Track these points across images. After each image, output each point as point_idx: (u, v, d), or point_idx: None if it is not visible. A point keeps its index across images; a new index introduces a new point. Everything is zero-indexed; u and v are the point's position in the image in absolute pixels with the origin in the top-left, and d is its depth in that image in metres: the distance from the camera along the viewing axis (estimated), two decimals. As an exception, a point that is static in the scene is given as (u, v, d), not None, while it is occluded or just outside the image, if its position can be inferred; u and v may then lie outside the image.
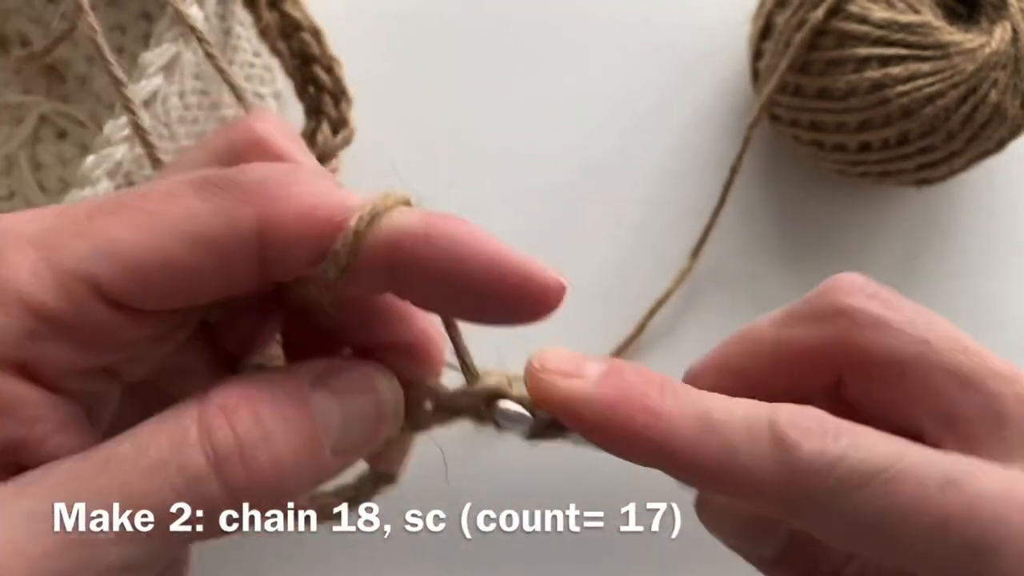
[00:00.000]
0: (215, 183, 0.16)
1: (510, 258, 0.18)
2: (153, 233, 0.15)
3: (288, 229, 0.16)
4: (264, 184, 0.16)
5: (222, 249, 0.15)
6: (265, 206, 0.15)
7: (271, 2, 0.28)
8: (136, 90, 0.25)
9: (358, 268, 0.16)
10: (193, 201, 0.15)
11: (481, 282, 0.17)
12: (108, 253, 0.15)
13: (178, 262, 0.15)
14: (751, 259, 0.35)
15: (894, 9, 0.30)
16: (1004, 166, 0.36)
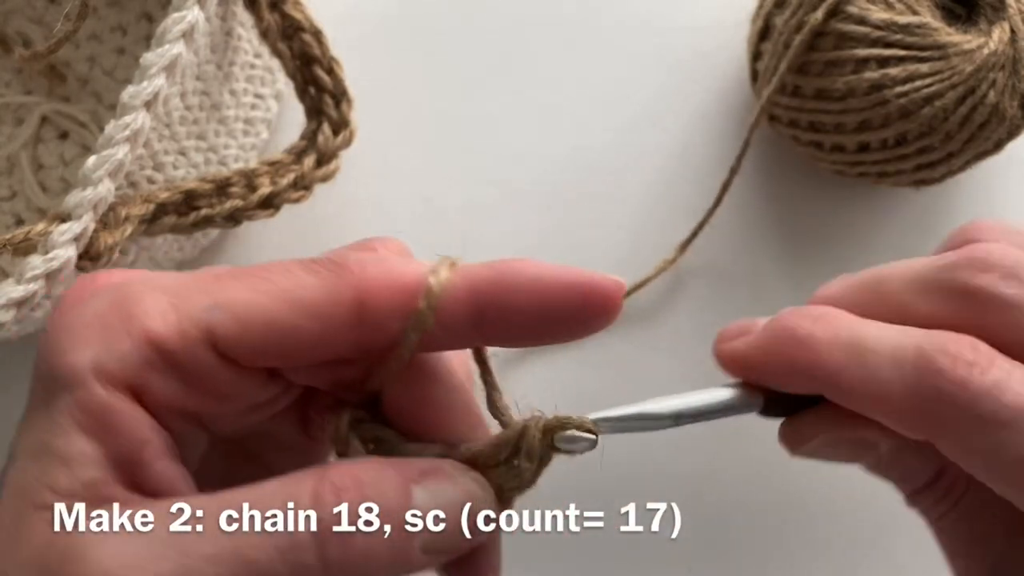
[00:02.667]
0: (321, 262, 0.18)
1: (575, 274, 0.19)
2: (265, 296, 0.18)
3: (380, 295, 0.18)
4: (360, 261, 0.18)
5: (323, 314, 0.18)
6: (360, 277, 0.18)
7: (272, 3, 0.28)
8: (138, 91, 0.25)
9: (443, 319, 0.18)
10: (301, 274, 0.18)
11: (558, 303, 0.19)
12: (224, 307, 0.17)
13: (282, 322, 0.18)
14: (749, 258, 0.36)
15: (893, 10, 0.30)
16: (1002, 167, 0.36)
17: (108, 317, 0.18)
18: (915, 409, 0.17)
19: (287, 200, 0.28)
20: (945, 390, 0.17)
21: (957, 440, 0.17)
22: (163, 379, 0.17)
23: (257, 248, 0.36)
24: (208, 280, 0.18)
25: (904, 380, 0.17)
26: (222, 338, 0.17)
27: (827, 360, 0.19)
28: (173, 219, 0.27)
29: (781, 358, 0.20)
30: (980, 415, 0.17)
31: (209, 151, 0.31)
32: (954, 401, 0.17)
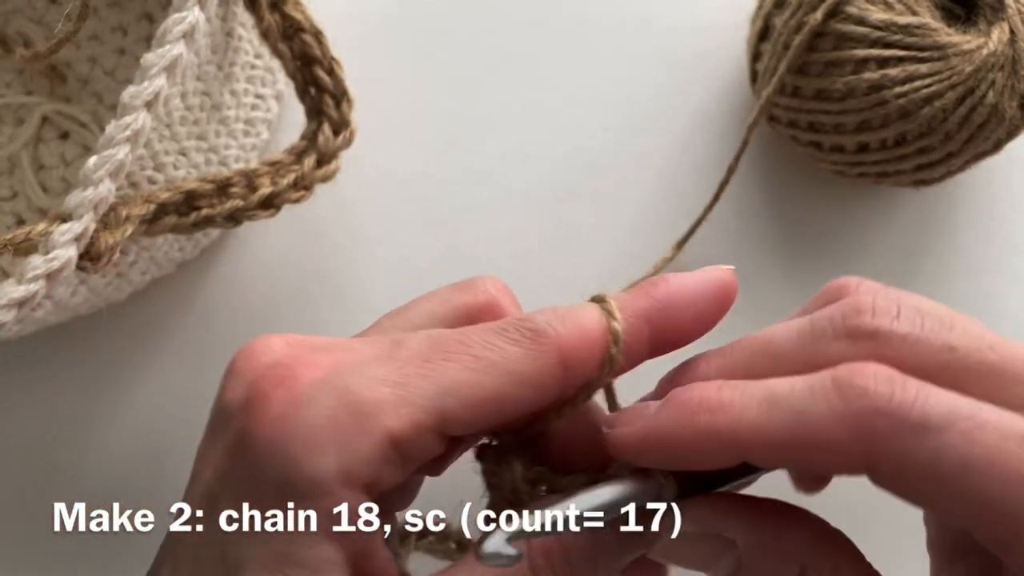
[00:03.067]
0: (515, 330, 0.20)
1: (708, 276, 0.22)
2: (483, 375, 0.19)
3: (578, 352, 0.20)
4: (550, 323, 0.20)
5: (537, 382, 0.19)
6: (557, 339, 0.20)
7: (272, 4, 0.28)
8: (138, 92, 0.25)
9: (627, 356, 0.20)
10: (505, 346, 0.19)
11: (709, 307, 0.21)
12: (453, 393, 0.19)
13: (504, 397, 0.19)
14: (749, 258, 0.36)
15: (892, 11, 0.30)
16: (1002, 167, 0.36)
17: (342, 421, 0.18)
18: (851, 433, 0.17)
19: (288, 200, 0.28)
20: (875, 406, 0.17)
21: (896, 456, 0.17)
22: (394, 470, 0.19)
23: (258, 248, 0.36)
24: (420, 363, 0.19)
25: (832, 410, 0.17)
26: (452, 421, 0.19)
27: (750, 419, 0.18)
28: (174, 219, 0.27)
29: (696, 430, 0.18)
30: (914, 423, 0.17)
31: (210, 151, 0.31)
32: (887, 412, 0.17)
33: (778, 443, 0.18)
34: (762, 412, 0.18)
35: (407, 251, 0.36)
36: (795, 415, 0.18)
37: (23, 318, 0.25)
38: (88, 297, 0.29)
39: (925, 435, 0.16)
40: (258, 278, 0.36)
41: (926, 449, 0.17)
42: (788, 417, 0.18)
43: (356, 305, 0.36)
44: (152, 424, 0.35)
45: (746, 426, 0.18)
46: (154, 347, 0.35)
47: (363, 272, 0.36)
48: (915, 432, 0.17)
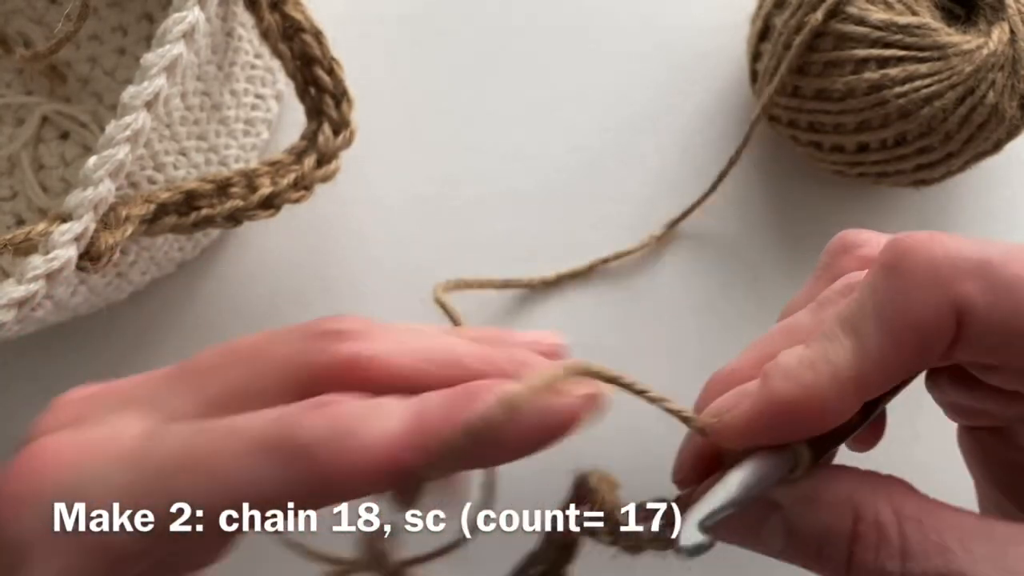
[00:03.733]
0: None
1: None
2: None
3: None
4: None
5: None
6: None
7: (273, 4, 0.28)
8: (138, 92, 0.25)
9: None
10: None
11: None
12: None
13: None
14: (749, 258, 0.36)
15: (892, 11, 0.30)
16: (1002, 167, 0.36)
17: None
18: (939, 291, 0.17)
19: (288, 200, 0.28)
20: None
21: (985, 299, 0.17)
22: None
23: (258, 248, 0.36)
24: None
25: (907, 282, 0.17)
26: None
27: (849, 349, 0.17)
28: (174, 219, 0.27)
29: (805, 386, 0.17)
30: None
31: (210, 151, 0.31)
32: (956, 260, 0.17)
33: (889, 351, 0.17)
34: (854, 338, 0.17)
35: (407, 251, 0.36)
36: (883, 312, 0.17)
37: (23, 318, 0.25)
38: (88, 297, 0.29)
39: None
40: (258, 278, 0.36)
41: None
42: (880, 319, 0.17)
43: (356, 305, 0.36)
44: (152, 424, 0.35)
45: (853, 359, 0.17)
46: (154, 347, 0.35)
47: (363, 272, 0.36)
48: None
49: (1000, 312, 0.16)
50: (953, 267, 0.17)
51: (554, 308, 0.35)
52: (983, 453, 0.21)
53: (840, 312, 0.18)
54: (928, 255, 0.17)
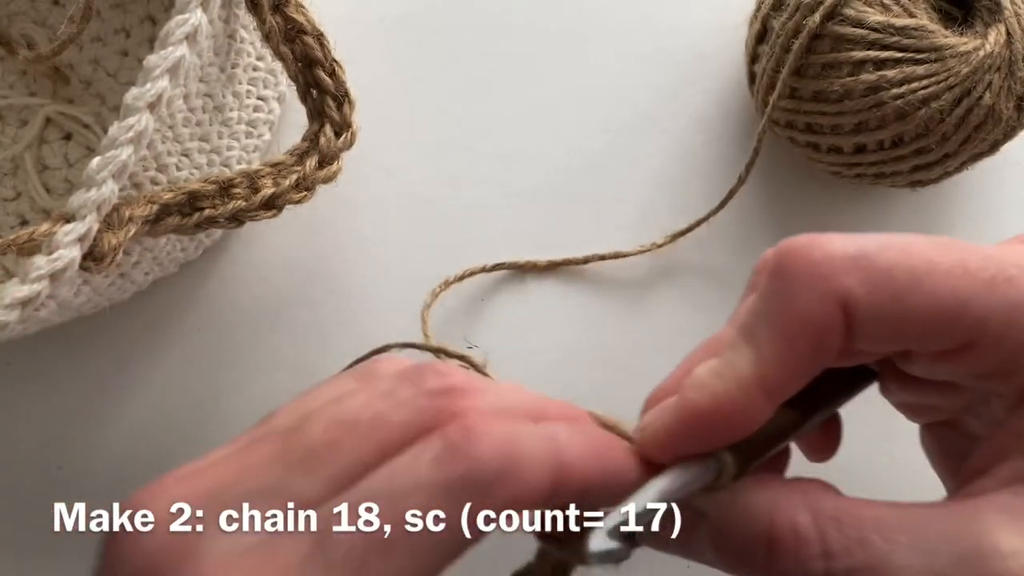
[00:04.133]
0: None
1: None
2: None
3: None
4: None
5: None
6: None
7: (275, 6, 0.28)
8: (141, 93, 0.25)
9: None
10: None
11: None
12: None
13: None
14: (746, 258, 0.36)
15: (889, 12, 0.30)
16: (998, 168, 0.36)
17: None
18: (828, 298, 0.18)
19: (290, 201, 0.28)
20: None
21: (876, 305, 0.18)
22: None
23: (260, 248, 0.36)
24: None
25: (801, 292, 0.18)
26: None
27: (759, 354, 0.18)
28: (176, 220, 0.27)
29: (716, 395, 0.18)
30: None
31: (212, 152, 0.32)
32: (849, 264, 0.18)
33: (784, 352, 0.18)
34: (751, 344, 0.18)
35: (408, 251, 0.36)
36: (774, 315, 0.18)
37: (27, 318, 0.25)
38: (91, 297, 0.30)
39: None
40: (260, 278, 0.36)
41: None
42: (771, 323, 0.18)
43: (357, 305, 0.36)
44: (153, 424, 0.35)
45: (752, 364, 0.18)
46: (156, 347, 0.35)
47: (364, 272, 0.36)
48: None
49: (881, 299, 0.17)
50: (832, 264, 0.17)
51: (548, 294, 0.36)
52: (941, 448, 0.22)
53: (738, 321, 0.19)
54: (808, 256, 0.18)
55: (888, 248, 0.17)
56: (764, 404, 0.18)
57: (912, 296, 0.17)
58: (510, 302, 0.36)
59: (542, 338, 0.35)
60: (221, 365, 0.35)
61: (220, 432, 0.35)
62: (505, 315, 0.36)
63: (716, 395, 0.18)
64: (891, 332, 0.18)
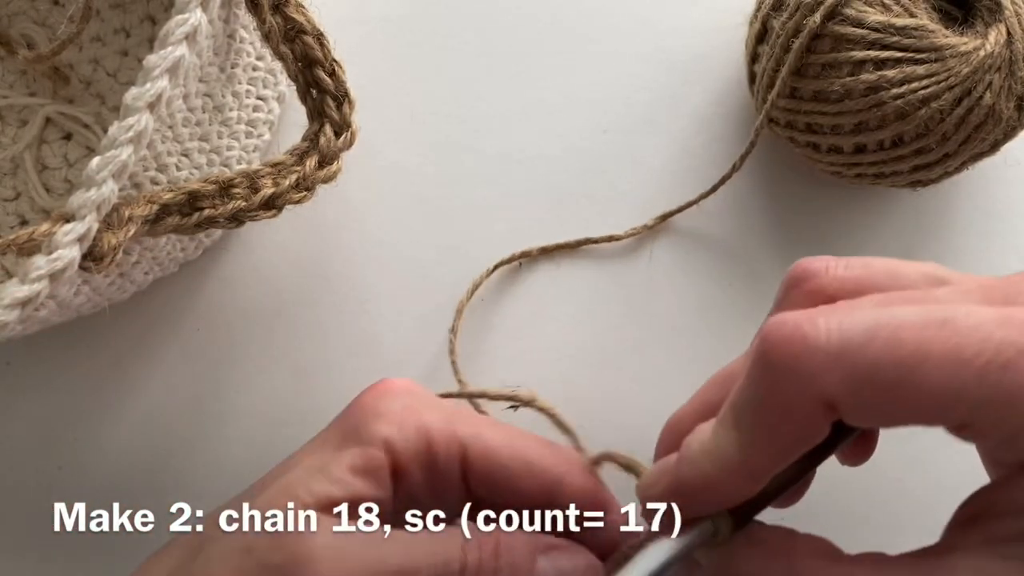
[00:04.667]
0: None
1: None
2: (507, 437, 0.24)
3: None
4: None
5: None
6: None
7: (274, 6, 0.28)
8: (141, 93, 0.25)
9: None
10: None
11: None
12: (481, 440, 0.23)
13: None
14: (746, 259, 0.36)
15: (890, 12, 0.30)
16: (998, 168, 0.36)
17: (405, 412, 0.22)
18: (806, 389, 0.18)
19: (289, 201, 0.28)
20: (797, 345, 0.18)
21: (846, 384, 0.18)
22: (418, 467, 0.22)
23: (260, 248, 0.36)
24: (474, 418, 0.23)
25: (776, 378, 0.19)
26: (471, 459, 0.22)
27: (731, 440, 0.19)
28: (176, 220, 0.27)
29: (696, 467, 0.20)
30: (837, 347, 0.18)
31: (212, 152, 0.32)
32: (812, 346, 0.18)
33: (768, 442, 0.18)
34: (738, 430, 0.19)
35: (408, 251, 0.36)
36: (750, 394, 0.19)
37: (26, 318, 0.25)
38: (91, 297, 0.30)
39: (858, 353, 0.17)
40: (260, 278, 0.36)
41: (863, 365, 0.17)
42: (756, 414, 0.18)
43: (358, 305, 0.36)
44: (153, 424, 0.35)
45: (739, 450, 0.19)
46: (156, 347, 0.36)
47: (365, 272, 0.36)
48: (845, 355, 0.17)
49: (865, 396, 0.17)
50: (814, 362, 0.17)
51: (541, 282, 0.36)
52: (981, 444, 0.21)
53: (731, 400, 0.19)
54: (790, 351, 0.17)
55: (875, 339, 0.17)
56: (751, 485, 0.19)
57: (900, 390, 0.17)
58: (510, 300, 0.36)
59: (544, 337, 0.35)
60: (221, 365, 0.35)
61: (220, 432, 0.35)
62: (505, 314, 0.36)
63: (705, 475, 0.19)
64: (880, 420, 0.18)
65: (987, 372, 0.16)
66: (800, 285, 0.21)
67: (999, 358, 0.16)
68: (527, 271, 0.36)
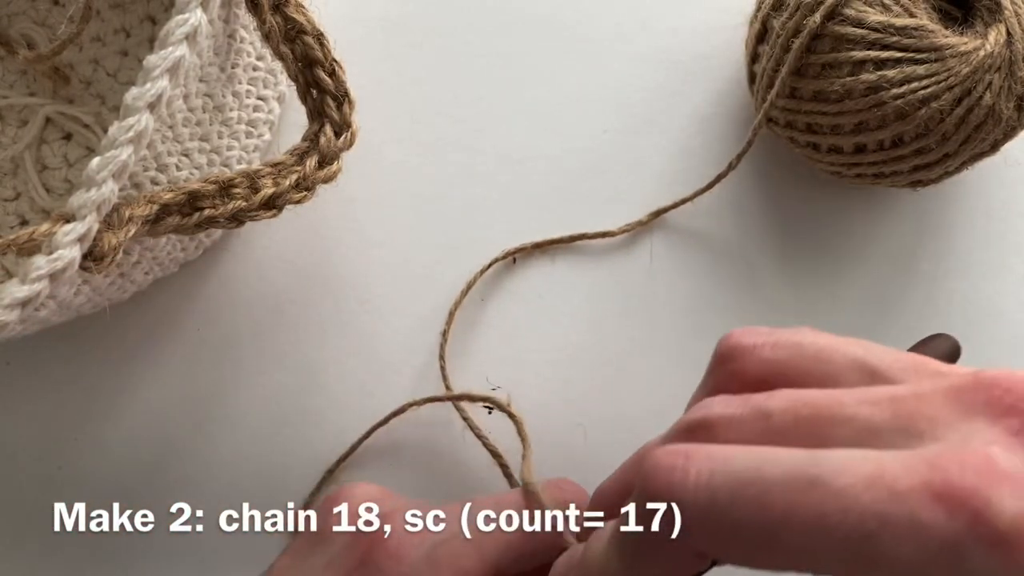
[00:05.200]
0: None
1: None
2: None
3: None
4: None
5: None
6: None
7: (274, 6, 0.28)
8: (141, 93, 0.25)
9: None
10: None
11: None
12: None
13: None
14: (746, 259, 0.36)
15: (890, 12, 0.30)
16: (998, 168, 0.36)
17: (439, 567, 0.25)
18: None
19: (290, 201, 0.28)
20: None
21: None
22: None
23: (260, 248, 0.36)
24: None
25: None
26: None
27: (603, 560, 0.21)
28: (177, 220, 0.27)
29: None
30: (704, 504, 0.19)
31: (212, 152, 0.32)
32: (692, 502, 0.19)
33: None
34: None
35: (408, 251, 0.36)
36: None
37: (26, 318, 0.25)
38: (91, 297, 0.30)
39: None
40: (260, 278, 0.36)
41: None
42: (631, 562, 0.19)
43: (358, 305, 0.36)
44: (153, 424, 0.35)
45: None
46: (156, 347, 0.36)
47: (364, 272, 0.36)
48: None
49: (731, 551, 0.17)
50: (683, 516, 0.18)
51: (535, 278, 0.36)
52: None
53: (612, 525, 0.20)
54: (665, 498, 0.18)
55: (740, 499, 0.17)
56: None
57: (764, 551, 0.17)
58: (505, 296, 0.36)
59: (539, 333, 0.35)
60: (221, 365, 0.35)
61: (220, 432, 0.35)
62: (500, 310, 0.36)
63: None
64: (752, 567, 0.18)
65: (848, 542, 0.16)
66: (725, 364, 0.21)
67: (861, 528, 0.16)
68: (522, 267, 0.36)
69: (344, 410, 0.34)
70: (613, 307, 0.35)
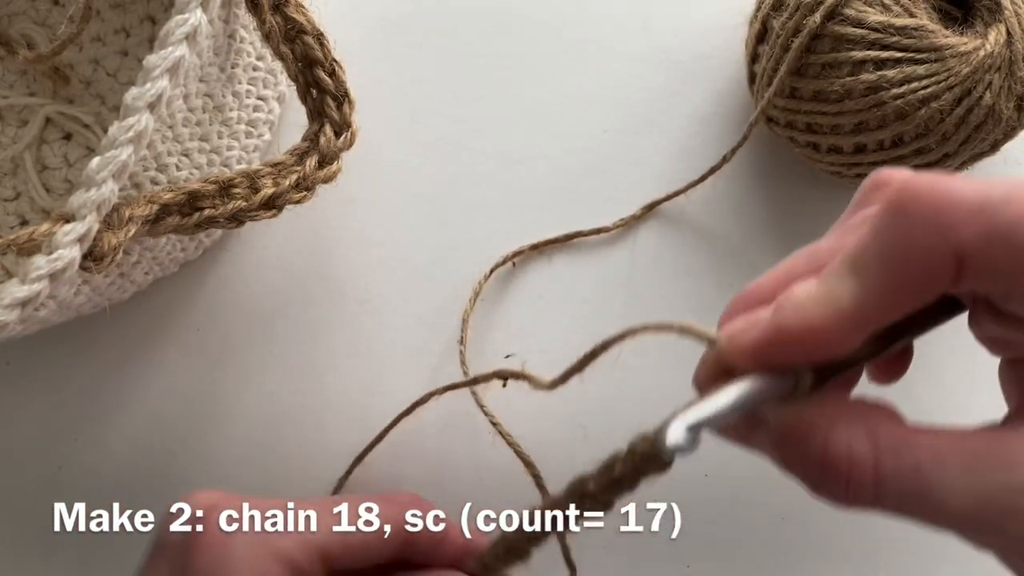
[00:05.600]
0: None
1: None
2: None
3: None
4: None
5: None
6: None
7: (274, 6, 0.28)
8: (141, 93, 0.25)
9: None
10: None
11: None
12: None
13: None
14: (745, 258, 0.36)
15: (890, 12, 0.30)
16: (998, 168, 0.36)
17: (255, 550, 0.23)
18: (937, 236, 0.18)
19: (290, 201, 0.28)
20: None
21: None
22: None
23: (260, 248, 0.36)
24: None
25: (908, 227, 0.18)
26: (334, 557, 0.23)
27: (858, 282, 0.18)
28: (176, 220, 0.27)
29: (806, 318, 0.19)
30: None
31: (212, 152, 0.32)
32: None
33: (888, 292, 0.18)
34: (857, 278, 0.18)
35: (408, 251, 0.36)
36: (885, 244, 0.18)
37: (26, 318, 0.25)
38: (91, 297, 0.30)
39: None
40: (260, 277, 0.36)
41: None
42: (882, 262, 0.18)
43: (357, 305, 0.36)
44: (153, 424, 0.35)
45: (855, 298, 0.18)
46: (156, 347, 0.36)
47: (364, 272, 0.36)
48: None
49: (997, 253, 0.17)
50: (953, 212, 0.17)
51: (534, 279, 0.36)
52: (1017, 383, 0.21)
53: (848, 250, 0.19)
54: (931, 200, 0.17)
55: (1011, 202, 0.17)
56: (857, 336, 0.19)
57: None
58: (506, 299, 0.36)
59: (540, 333, 0.35)
60: (221, 365, 0.35)
61: (220, 432, 0.35)
62: (503, 312, 0.36)
63: (812, 322, 0.18)
64: (1002, 282, 0.18)
65: None
66: (882, 188, 0.21)
67: None
68: (520, 268, 0.36)
69: (344, 410, 0.35)
70: (612, 306, 0.36)
